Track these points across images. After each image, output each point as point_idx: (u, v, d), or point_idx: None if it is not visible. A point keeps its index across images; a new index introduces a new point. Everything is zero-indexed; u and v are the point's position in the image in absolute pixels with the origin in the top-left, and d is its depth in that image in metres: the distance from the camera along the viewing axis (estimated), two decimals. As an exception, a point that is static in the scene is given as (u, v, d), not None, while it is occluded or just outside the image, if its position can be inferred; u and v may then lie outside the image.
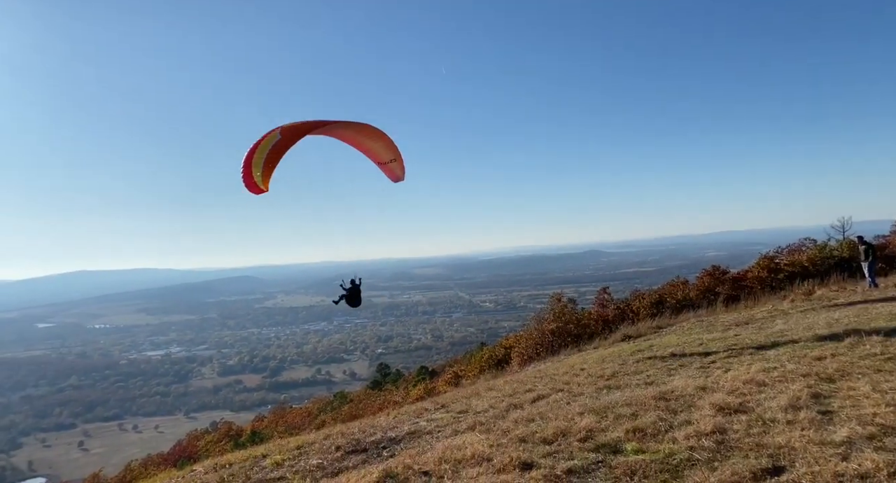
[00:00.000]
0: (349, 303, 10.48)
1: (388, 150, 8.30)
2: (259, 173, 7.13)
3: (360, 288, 10.13)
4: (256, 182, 7.25)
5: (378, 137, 8.10)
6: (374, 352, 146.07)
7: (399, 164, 8.55)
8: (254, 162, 7.08)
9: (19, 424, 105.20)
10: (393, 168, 8.67)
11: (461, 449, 5.97)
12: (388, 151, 8.32)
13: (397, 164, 8.53)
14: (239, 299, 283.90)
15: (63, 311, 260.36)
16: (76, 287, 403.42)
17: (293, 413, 44.74)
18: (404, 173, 8.64)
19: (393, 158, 8.41)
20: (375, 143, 8.21)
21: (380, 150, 8.31)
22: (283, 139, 7.03)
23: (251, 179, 7.14)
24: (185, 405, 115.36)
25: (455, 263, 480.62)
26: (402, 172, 8.63)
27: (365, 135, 8.10)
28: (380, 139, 8.13)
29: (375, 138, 8.14)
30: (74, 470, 72.90)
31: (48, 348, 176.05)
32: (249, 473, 7.08)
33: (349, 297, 10.44)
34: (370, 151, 8.39)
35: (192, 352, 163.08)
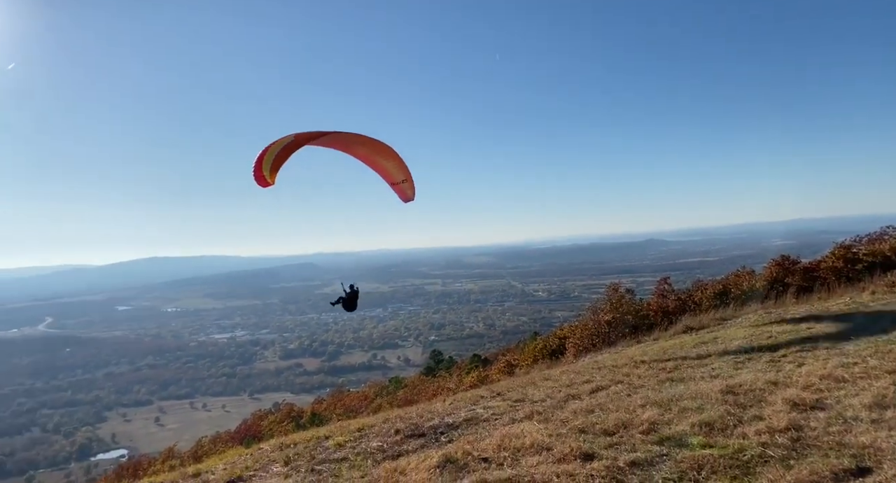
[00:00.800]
0: (345, 306, 10.65)
1: (400, 171, 8.35)
2: (268, 168, 7.53)
3: (357, 294, 10.29)
4: (265, 175, 7.64)
5: (391, 157, 8.11)
6: (427, 339, 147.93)
7: (409, 185, 8.58)
8: (265, 158, 7.49)
9: (103, 399, 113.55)
10: (404, 188, 8.75)
11: (520, 437, 5.97)
12: (399, 172, 8.37)
13: (408, 185, 8.57)
14: (299, 285, 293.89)
15: (140, 295, 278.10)
16: (152, 272, 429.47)
17: (350, 396, 45.94)
18: (414, 193, 8.66)
19: (404, 179, 8.47)
20: (388, 163, 8.25)
21: (392, 169, 8.34)
22: (295, 142, 7.39)
23: (260, 173, 7.53)
24: (249, 386, 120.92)
25: (507, 252, 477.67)
26: (412, 193, 8.67)
27: (378, 153, 8.15)
28: (393, 159, 8.15)
29: (388, 157, 8.14)
30: (151, 443, 78.09)
31: (127, 329, 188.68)
32: (314, 453, 7.35)
33: (346, 301, 10.62)
34: (384, 171, 8.45)
35: (255, 335, 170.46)
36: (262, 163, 7.53)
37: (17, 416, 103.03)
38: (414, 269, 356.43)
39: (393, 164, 8.27)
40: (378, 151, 8.04)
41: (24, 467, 79.99)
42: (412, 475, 5.37)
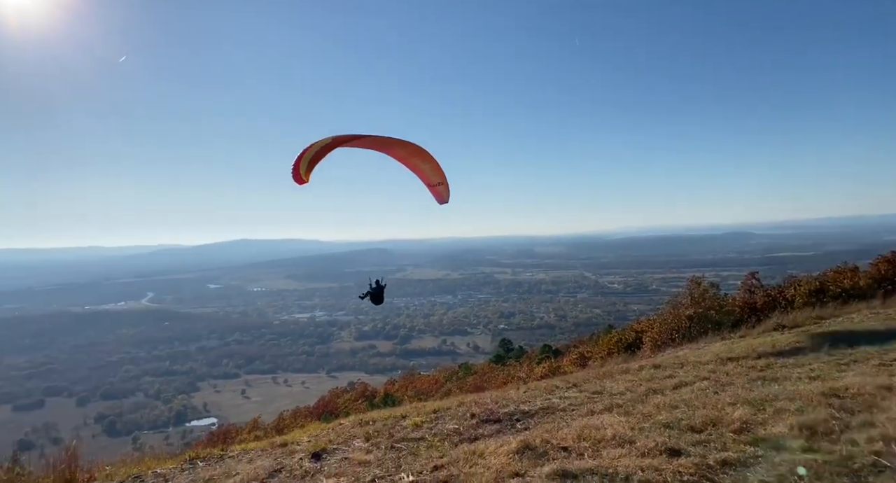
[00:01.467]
0: (373, 300, 10.93)
1: (436, 174, 8.50)
2: (305, 167, 7.86)
3: (383, 289, 10.51)
4: (301, 174, 7.97)
5: (427, 160, 8.27)
6: (497, 327, 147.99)
7: (445, 188, 8.77)
8: (304, 157, 7.82)
9: (196, 371, 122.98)
10: (440, 191, 8.95)
11: (600, 429, 5.86)
12: (435, 174, 8.53)
13: (444, 188, 8.76)
14: (373, 270, 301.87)
15: (228, 274, 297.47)
16: (239, 254, 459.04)
17: (421, 379, 46.83)
18: (449, 196, 8.87)
19: (440, 182, 8.64)
20: (425, 165, 8.43)
21: (429, 171, 8.52)
22: (334, 143, 7.67)
23: (297, 172, 7.86)
24: (326, 364, 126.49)
25: (580, 242, 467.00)
26: (447, 195, 8.87)
27: (416, 155, 8.32)
28: (429, 161, 8.31)
29: (425, 160, 8.32)
30: (238, 414, 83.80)
31: (217, 307, 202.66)
32: (392, 432, 7.58)
33: (374, 296, 10.93)
34: (421, 172, 8.66)
35: (333, 316, 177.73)
36: (301, 161, 7.90)
37: (124, 382, 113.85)
38: (484, 257, 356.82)
39: (429, 167, 8.49)
40: (415, 154, 8.25)
41: (130, 428, 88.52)
42: (491, 459, 5.42)
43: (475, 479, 4.93)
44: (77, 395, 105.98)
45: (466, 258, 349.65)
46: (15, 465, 11.27)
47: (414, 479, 5.30)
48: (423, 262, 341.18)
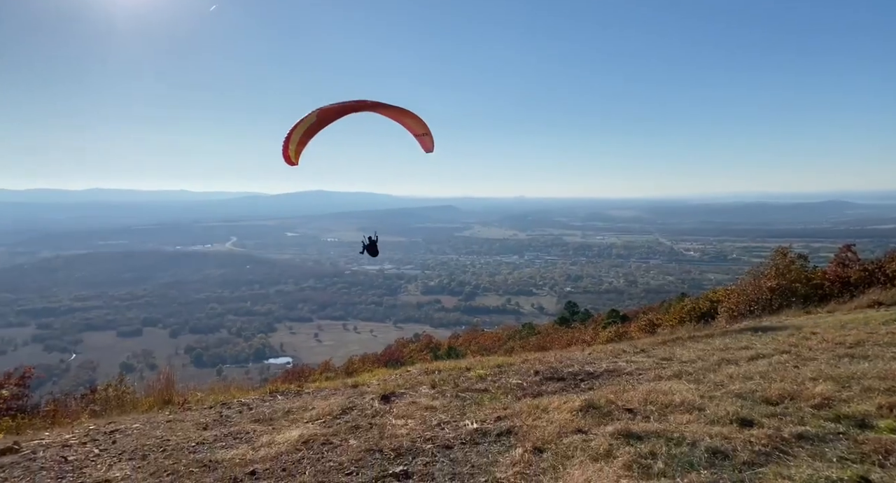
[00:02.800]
0: (370, 253, 11.93)
1: (420, 125, 9.12)
2: (293, 148, 8.19)
3: (376, 242, 11.64)
4: (290, 156, 8.33)
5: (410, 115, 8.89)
6: (563, 289, 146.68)
7: (429, 138, 9.45)
8: (292, 139, 8.17)
9: (274, 312, 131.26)
10: (425, 141, 9.62)
11: (667, 394, 5.79)
12: (419, 126, 9.14)
13: (428, 138, 9.44)
14: (441, 227, 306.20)
15: (305, 223, 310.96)
16: (316, 204, 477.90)
17: (485, 336, 47.65)
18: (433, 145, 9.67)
19: (425, 132, 9.27)
20: (409, 119, 9.04)
21: (412, 124, 9.15)
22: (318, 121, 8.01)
23: (287, 153, 8.22)
24: (393, 315, 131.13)
25: (657, 207, 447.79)
26: (431, 144, 9.59)
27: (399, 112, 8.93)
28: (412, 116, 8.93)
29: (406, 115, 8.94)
30: (311, 356, 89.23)
31: (294, 254, 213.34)
32: (457, 381, 7.83)
33: (369, 248, 11.74)
34: (406, 124, 9.27)
35: (400, 270, 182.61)
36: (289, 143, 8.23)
37: (210, 318, 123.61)
38: (552, 218, 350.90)
39: (412, 120, 9.07)
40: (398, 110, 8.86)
41: (215, 361, 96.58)
42: (554, 414, 5.51)
43: (538, 432, 5.04)
44: (170, 326, 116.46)
45: (535, 219, 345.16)
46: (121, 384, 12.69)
47: (478, 426, 5.49)
48: (491, 220, 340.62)
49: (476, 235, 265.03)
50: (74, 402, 11.86)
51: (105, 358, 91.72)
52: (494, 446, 4.97)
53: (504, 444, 4.97)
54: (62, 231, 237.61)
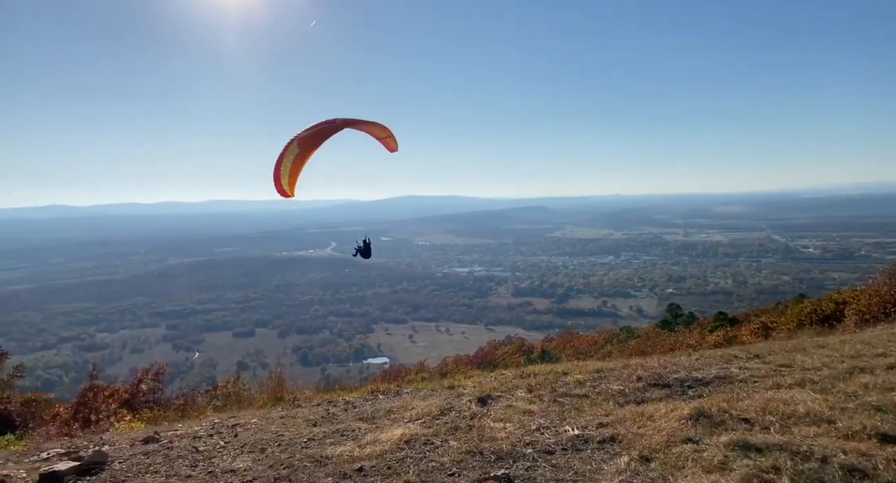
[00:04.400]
0: (363, 255, 12.18)
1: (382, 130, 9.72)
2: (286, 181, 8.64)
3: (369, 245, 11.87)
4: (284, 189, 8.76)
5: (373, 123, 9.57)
6: (664, 291, 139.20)
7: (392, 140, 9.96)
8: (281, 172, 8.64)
9: (371, 314, 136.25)
10: (389, 142, 10.11)
11: (790, 404, 5.32)
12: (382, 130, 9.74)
13: (391, 140, 9.95)
14: (530, 228, 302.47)
15: (397, 228, 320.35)
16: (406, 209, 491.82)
17: (580, 339, 46.25)
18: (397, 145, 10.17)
19: (388, 135, 9.82)
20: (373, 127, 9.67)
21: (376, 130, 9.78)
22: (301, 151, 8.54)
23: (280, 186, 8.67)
24: (484, 317, 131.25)
25: (767, 201, 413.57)
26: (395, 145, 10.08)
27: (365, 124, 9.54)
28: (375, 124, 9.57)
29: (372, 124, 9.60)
30: (406, 356, 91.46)
31: (388, 257, 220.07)
32: (554, 386, 7.70)
33: (363, 252, 11.68)
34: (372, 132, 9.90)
35: (490, 272, 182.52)
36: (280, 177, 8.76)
37: (313, 320, 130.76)
38: (651, 216, 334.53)
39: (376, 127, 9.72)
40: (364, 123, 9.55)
41: (319, 360, 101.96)
42: (661, 422, 5.26)
43: (644, 440, 4.84)
44: (278, 327, 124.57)
45: (631, 217, 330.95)
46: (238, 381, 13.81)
47: (579, 432, 5.37)
48: (583, 220, 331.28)
49: (568, 236, 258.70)
50: (200, 397, 13.08)
51: (223, 356, 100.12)
52: (598, 453, 4.83)
53: (608, 452, 4.82)
54: (184, 240, 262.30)
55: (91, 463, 5.52)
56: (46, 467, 5.38)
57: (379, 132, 10.05)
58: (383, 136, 10.17)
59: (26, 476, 5.41)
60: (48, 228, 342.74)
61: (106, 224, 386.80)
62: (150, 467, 5.52)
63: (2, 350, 12.00)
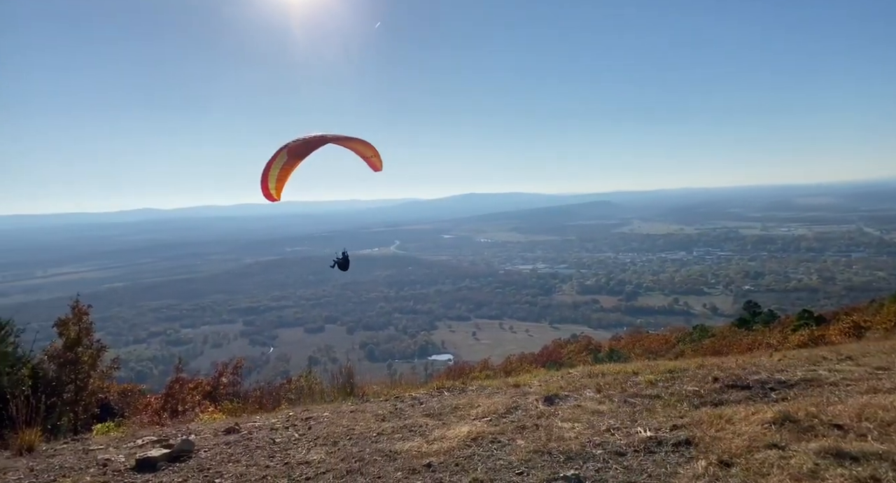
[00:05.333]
0: (341, 267, 12.42)
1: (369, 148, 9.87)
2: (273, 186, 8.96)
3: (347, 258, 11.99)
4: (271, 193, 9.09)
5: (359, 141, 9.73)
6: (741, 288, 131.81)
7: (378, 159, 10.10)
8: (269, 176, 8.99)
9: (434, 311, 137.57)
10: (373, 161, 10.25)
11: (889, 409, 4.91)
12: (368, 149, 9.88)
13: (377, 159, 10.10)
14: (596, 224, 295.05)
15: (459, 225, 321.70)
16: (468, 207, 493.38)
17: (649, 338, 44.73)
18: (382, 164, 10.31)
19: (373, 154, 9.96)
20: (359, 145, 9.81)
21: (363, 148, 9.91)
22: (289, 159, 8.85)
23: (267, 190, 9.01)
24: (549, 315, 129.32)
25: (858, 191, 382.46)
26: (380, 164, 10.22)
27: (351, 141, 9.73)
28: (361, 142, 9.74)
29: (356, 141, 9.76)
30: (470, 353, 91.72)
31: (450, 255, 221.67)
32: (624, 386, 7.48)
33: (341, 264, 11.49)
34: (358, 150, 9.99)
35: (554, 269, 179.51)
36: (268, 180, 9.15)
37: (379, 317, 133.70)
38: (725, 210, 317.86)
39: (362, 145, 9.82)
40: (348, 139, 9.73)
41: (385, 356, 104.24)
42: (741, 425, 4.98)
43: (723, 444, 4.60)
44: (346, 324, 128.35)
45: (704, 211, 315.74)
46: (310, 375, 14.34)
47: (652, 434, 5.18)
48: (652, 215, 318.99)
49: (636, 231, 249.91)
50: (275, 390, 13.71)
51: (295, 351, 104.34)
52: (672, 456, 4.64)
53: (683, 455, 4.63)
54: (258, 240, 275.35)
55: (180, 451, 5.94)
56: (142, 453, 5.87)
57: (365, 151, 10.46)
58: (369, 155, 10.58)
59: (125, 460, 5.91)
60: (138, 231, 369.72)
61: (189, 225, 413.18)
62: (231, 457, 5.84)
63: (101, 344, 13.04)
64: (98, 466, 5.81)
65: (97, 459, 6.05)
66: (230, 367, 16.31)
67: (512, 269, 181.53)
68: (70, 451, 6.63)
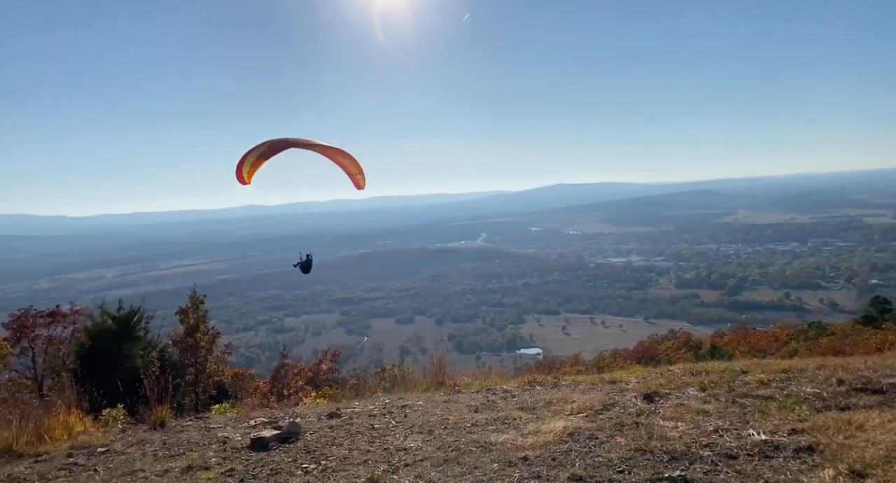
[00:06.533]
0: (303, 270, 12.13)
1: (355, 166, 10.09)
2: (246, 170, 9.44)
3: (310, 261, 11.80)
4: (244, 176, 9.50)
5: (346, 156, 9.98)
6: (866, 282, 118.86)
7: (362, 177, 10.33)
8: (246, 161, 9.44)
9: (522, 305, 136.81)
10: (358, 180, 10.45)
11: None
12: (354, 166, 10.11)
13: (361, 177, 10.35)
14: (695, 213, 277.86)
15: (546, 218, 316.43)
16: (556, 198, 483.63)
17: (757, 335, 41.72)
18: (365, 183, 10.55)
19: (358, 172, 10.21)
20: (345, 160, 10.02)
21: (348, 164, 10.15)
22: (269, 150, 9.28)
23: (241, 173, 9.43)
24: (644, 310, 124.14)
25: None
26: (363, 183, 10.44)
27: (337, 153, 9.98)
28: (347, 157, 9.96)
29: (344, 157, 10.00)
30: (559, 348, 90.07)
31: (537, 248, 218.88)
32: (731, 385, 7.01)
33: (303, 266, 11.83)
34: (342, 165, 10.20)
35: (650, 262, 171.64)
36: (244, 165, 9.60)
37: (466, 309, 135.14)
38: (848, 196, 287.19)
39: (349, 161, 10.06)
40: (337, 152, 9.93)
41: (473, 348, 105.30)
42: (875, 433, 4.49)
43: (854, 453, 4.17)
44: (435, 316, 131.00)
45: (820, 198, 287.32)
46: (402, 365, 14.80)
47: (767, 437, 4.80)
48: (759, 203, 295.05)
49: (741, 221, 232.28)
50: (370, 378, 14.30)
51: (387, 341, 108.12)
52: (793, 463, 4.27)
53: (806, 462, 4.24)
54: (351, 233, 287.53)
55: (288, 432, 6.37)
56: (255, 433, 6.37)
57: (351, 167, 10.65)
58: (354, 173, 10.74)
59: (241, 439, 6.45)
60: (244, 226, 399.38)
61: (289, 221, 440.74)
62: (335, 440, 6.16)
63: (215, 330, 14.29)
64: (219, 443, 6.38)
65: (217, 437, 6.65)
66: (329, 355, 17.24)
67: (604, 262, 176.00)
68: (194, 428, 7.32)
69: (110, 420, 7.94)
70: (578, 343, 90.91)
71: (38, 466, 5.95)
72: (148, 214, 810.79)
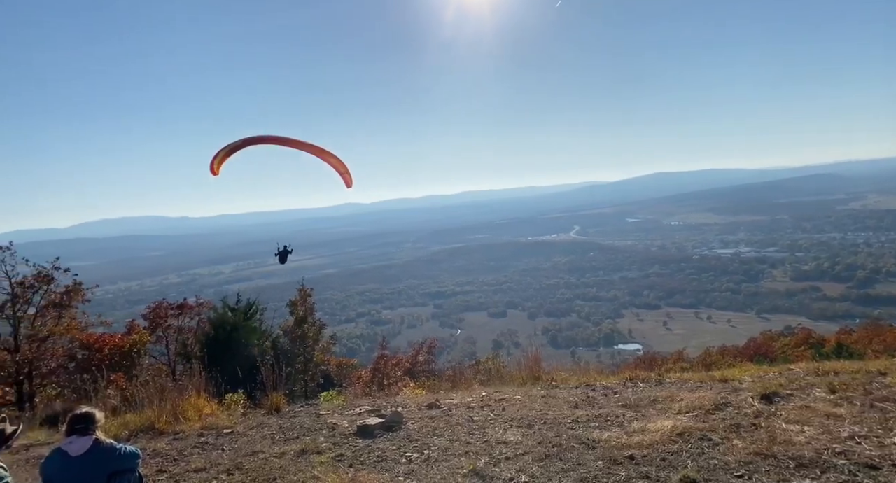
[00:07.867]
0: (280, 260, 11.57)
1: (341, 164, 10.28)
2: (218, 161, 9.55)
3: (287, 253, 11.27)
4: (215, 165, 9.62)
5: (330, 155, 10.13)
6: None
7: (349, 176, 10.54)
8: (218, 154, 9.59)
9: (619, 299, 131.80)
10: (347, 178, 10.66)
11: None
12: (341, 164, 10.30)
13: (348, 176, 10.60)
14: (816, 200, 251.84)
15: (645, 208, 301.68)
16: (656, 187, 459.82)
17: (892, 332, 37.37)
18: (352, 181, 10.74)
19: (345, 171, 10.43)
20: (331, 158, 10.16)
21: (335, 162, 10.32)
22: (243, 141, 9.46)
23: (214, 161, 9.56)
24: (755, 305, 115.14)
25: None
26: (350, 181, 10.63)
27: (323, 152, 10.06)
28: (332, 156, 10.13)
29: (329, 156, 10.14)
30: (661, 344, 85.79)
31: (636, 240, 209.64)
32: (867, 388, 6.34)
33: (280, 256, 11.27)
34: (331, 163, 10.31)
35: (761, 253, 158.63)
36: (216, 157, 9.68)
37: (560, 303, 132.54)
38: None
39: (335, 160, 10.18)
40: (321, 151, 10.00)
41: (568, 343, 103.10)
42: None
43: None
44: (528, 310, 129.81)
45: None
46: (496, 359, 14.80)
47: (915, 448, 4.27)
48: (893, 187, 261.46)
49: (870, 207, 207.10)
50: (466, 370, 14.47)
51: (480, 335, 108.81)
52: (950, 480, 3.76)
53: (967, 480, 3.72)
54: (442, 228, 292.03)
55: (391, 421, 6.63)
56: (361, 421, 6.73)
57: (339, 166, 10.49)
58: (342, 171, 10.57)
59: (348, 426, 6.82)
60: (344, 224, 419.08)
61: (385, 218, 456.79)
62: (435, 430, 6.31)
63: (321, 322, 15.15)
64: (328, 429, 6.79)
65: (326, 423, 7.07)
66: (425, 347, 17.67)
67: (709, 254, 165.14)
68: (306, 414, 7.83)
69: (232, 404, 8.68)
70: (681, 339, 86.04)
71: (175, 443, 6.68)
72: (261, 213, 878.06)
